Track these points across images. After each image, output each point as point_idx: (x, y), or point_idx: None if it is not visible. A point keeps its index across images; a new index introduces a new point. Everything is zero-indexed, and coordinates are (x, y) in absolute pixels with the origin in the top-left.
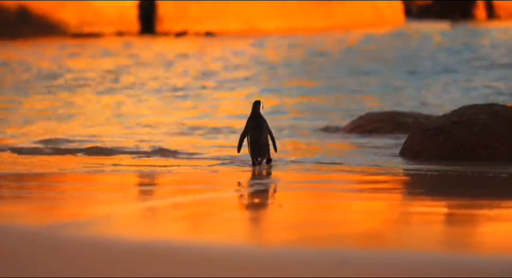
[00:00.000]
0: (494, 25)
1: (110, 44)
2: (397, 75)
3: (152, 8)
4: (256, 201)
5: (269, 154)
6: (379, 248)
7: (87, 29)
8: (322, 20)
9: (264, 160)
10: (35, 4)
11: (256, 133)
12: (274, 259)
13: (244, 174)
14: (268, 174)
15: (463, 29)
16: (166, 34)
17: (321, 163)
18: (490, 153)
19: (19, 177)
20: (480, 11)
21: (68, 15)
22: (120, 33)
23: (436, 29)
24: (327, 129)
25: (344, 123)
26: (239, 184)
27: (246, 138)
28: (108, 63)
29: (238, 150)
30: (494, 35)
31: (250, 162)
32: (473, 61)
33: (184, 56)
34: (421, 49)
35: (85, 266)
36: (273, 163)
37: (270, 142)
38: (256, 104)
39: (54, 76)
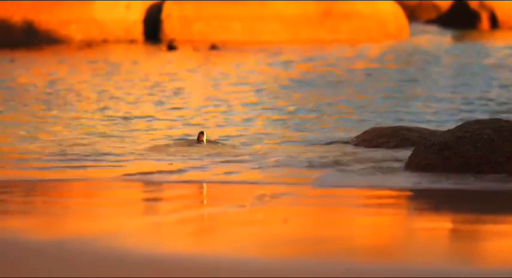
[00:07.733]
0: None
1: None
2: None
3: (158, 22)
4: (262, 215)
5: None
6: (385, 262)
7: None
8: (327, 33)
9: None
10: (40, 19)
11: None
12: (281, 272)
13: (250, 188)
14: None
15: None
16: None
17: (326, 178)
18: (495, 168)
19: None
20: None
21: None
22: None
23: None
24: (332, 143)
25: (349, 136)
26: (244, 198)
27: None
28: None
29: None
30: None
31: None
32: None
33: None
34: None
35: None
36: None
37: None
38: (200, 134)
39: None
